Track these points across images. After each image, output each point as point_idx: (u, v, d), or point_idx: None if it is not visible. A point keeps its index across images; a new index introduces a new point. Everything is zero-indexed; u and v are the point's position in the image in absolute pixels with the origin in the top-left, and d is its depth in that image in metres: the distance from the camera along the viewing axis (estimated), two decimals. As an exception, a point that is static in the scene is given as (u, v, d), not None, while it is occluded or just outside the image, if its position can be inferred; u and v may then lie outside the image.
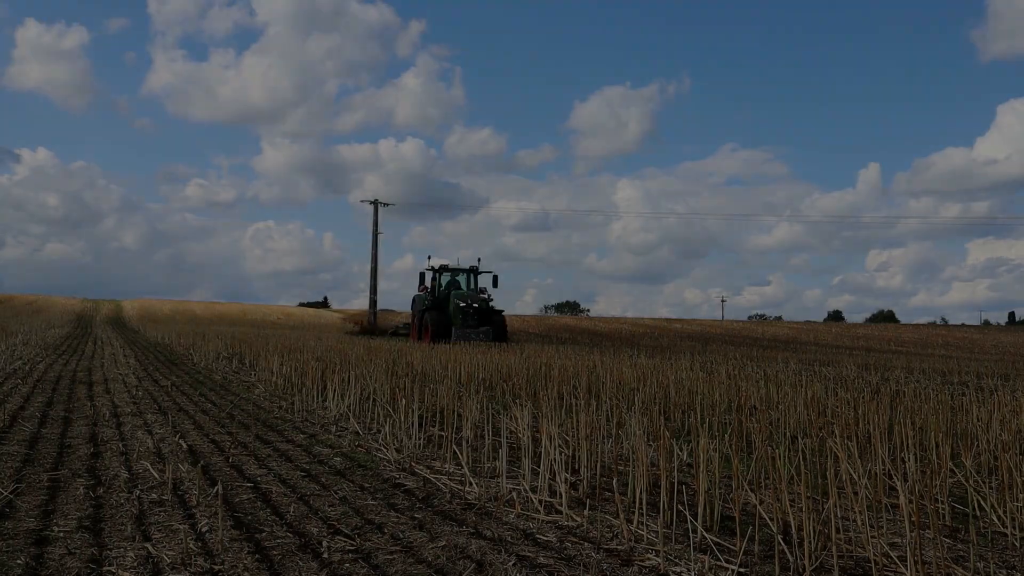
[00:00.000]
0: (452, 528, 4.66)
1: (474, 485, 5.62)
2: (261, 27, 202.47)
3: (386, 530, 4.60)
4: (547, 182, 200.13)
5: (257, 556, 4.08)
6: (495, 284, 33.02)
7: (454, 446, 6.59)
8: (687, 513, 4.59)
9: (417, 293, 33.65)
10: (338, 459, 6.74)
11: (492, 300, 32.68)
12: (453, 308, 31.63)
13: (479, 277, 34.41)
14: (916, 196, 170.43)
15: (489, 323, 31.48)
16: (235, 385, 13.07)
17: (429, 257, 33.58)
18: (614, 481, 5.22)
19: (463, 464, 5.95)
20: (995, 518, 4.95)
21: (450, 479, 5.90)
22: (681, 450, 6.90)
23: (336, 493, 5.49)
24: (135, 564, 3.92)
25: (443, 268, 34.18)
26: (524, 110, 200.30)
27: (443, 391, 9.75)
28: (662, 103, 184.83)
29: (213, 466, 6.33)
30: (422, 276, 33.02)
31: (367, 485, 5.78)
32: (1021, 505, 4.19)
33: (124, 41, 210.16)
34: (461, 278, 34.51)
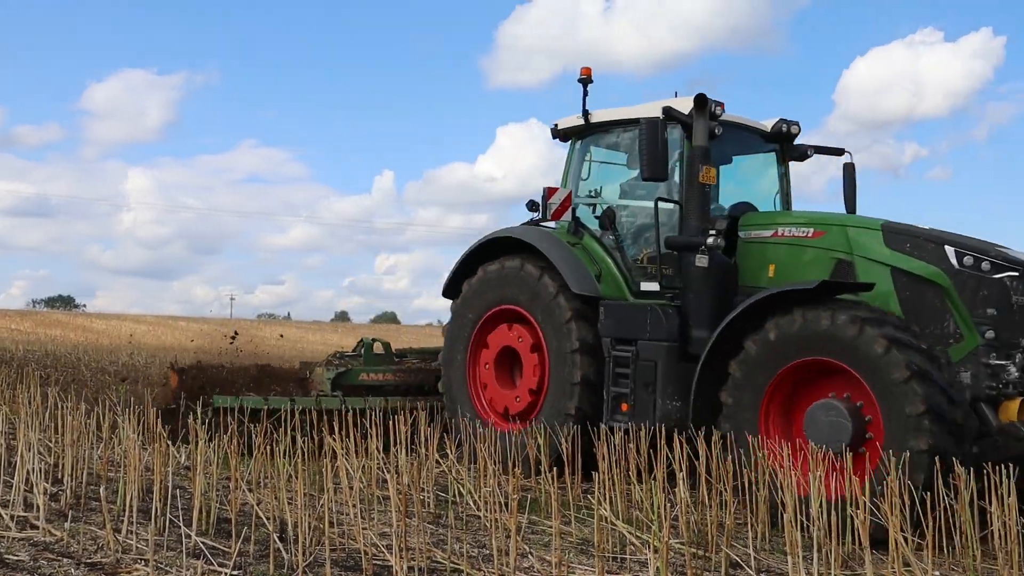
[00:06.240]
0: None
1: (-72, 504, 4.89)
2: None
3: None
4: (49, 163, 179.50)
5: None
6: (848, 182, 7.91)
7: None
8: (181, 518, 4.44)
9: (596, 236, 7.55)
10: None
11: None
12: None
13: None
14: (425, 206, 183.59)
15: None
16: None
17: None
18: (102, 489, 4.86)
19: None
20: (471, 502, 5.48)
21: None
22: (179, 452, 6.66)
23: None
24: None
25: (728, 122, 6.88)
26: (29, 83, 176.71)
27: None
28: (188, 93, 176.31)
29: None
30: (653, 141, 6.25)
31: None
32: (492, 489, 4.69)
33: None
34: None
